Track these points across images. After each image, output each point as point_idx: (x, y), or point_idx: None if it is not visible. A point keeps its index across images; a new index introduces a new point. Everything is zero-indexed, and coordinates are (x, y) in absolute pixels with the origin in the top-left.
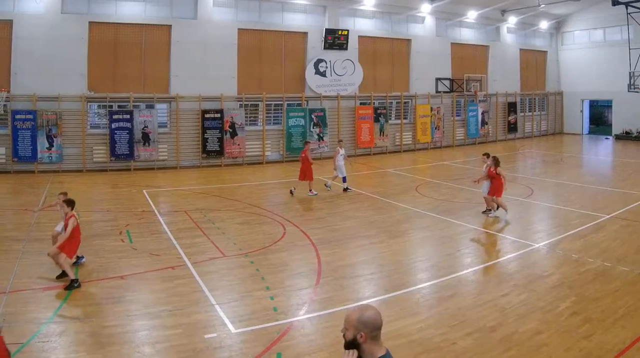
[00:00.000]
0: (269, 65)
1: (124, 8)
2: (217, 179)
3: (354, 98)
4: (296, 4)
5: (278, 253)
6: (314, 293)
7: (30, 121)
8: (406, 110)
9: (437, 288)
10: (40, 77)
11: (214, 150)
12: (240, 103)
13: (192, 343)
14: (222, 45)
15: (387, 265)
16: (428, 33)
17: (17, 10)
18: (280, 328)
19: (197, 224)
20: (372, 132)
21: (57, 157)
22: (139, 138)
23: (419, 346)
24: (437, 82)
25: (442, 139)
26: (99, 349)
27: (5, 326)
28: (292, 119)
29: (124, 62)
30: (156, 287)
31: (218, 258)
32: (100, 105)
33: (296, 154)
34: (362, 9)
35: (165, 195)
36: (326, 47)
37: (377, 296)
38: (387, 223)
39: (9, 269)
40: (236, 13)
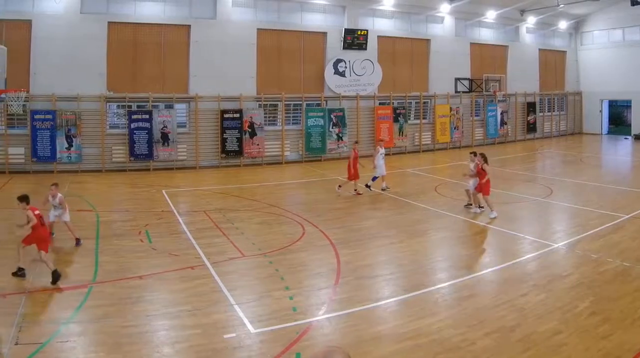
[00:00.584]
0: (288, 65)
1: (143, 8)
2: (236, 179)
3: (373, 98)
4: (315, 4)
5: (297, 253)
6: (333, 293)
7: (49, 121)
8: (425, 110)
9: (456, 288)
10: (59, 77)
11: (233, 150)
12: (259, 103)
13: (211, 344)
14: (241, 45)
15: (406, 265)
16: (447, 33)
17: (36, 10)
18: (299, 328)
19: (216, 224)
20: (391, 132)
21: (76, 157)
22: (158, 138)
23: (438, 346)
24: (456, 82)
25: (461, 139)
26: (118, 349)
27: (25, 326)
28: (311, 119)
29: (143, 62)
30: (175, 287)
31: (237, 258)
32: (119, 105)
33: (316, 154)
34: (382, 9)
35: (184, 195)
36: (345, 47)
37: (396, 296)
38: (406, 223)
39: (28, 269)
40: (255, 13)
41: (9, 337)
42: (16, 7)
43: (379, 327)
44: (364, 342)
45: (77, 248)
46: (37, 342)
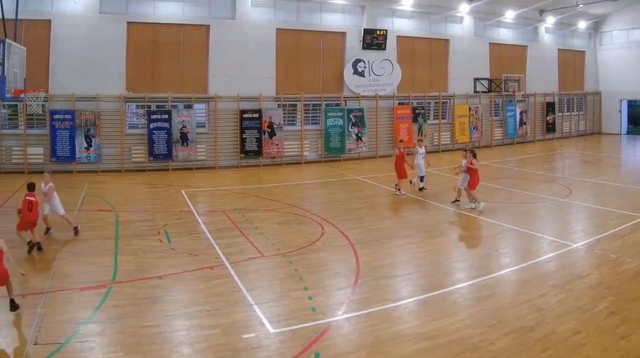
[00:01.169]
0: (307, 65)
1: (162, 8)
2: (256, 179)
3: (393, 98)
4: (334, 4)
5: (316, 253)
6: (352, 293)
7: (68, 121)
8: (444, 110)
9: (475, 288)
10: (78, 77)
11: (252, 150)
12: (278, 103)
13: (230, 344)
14: (260, 45)
15: (425, 265)
16: (466, 33)
17: (55, 10)
18: (318, 328)
19: (235, 224)
20: (410, 132)
21: (95, 157)
22: (178, 138)
23: (458, 346)
24: (475, 82)
25: (480, 139)
26: (137, 349)
27: (44, 326)
28: (331, 119)
29: (162, 62)
30: (194, 287)
31: (256, 258)
32: (139, 105)
33: (335, 154)
34: (401, 9)
35: (203, 195)
36: (364, 47)
37: (415, 296)
38: (425, 223)
39: (47, 269)
40: (274, 13)
41: (28, 337)
42: (35, 7)
43: (398, 327)
44: (383, 342)
45: (95, 248)
46: (57, 342)
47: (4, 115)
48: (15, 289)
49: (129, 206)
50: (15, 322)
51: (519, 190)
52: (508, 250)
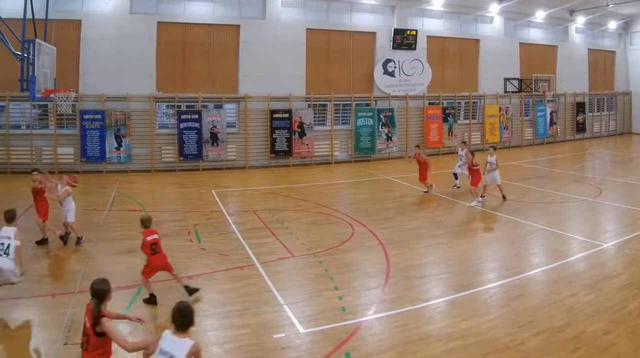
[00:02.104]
0: (337, 65)
1: (193, 8)
2: (286, 179)
3: (423, 98)
4: (365, 4)
5: (346, 253)
6: (383, 293)
7: (98, 121)
8: (475, 110)
9: (505, 288)
10: (108, 77)
11: (282, 150)
12: (308, 103)
13: (260, 343)
14: (290, 45)
15: (455, 265)
16: (497, 33)
17: (85, 10)
18: (348, 328)
19: (265, 224)
20: (440, 132)
21: (125, 157)
22: (208, 138)
23: (488, 346)
24: (505, 82)
25: (510, 139)
26: None
27: (74, 326)
28: (361, 119)
29: (192, 62)
30: (225, 287)
31: (287, 258)
32: (169, 105)
33: (365, 154)
34: (431, 9)
35: (233, 195)
36: (394, 47)
37: (445, 296)
38: (455, 223)
39: (77, 269)
40: (304, 13)
41: (58, 338)
42: (66, 7)
43: (428, 327)
44: (413, 342)
45: (126, 248)
46: None
47: (34, 116)
48: (45, 289)
49: (159, 206)
50: (46, 322)
51: (549, 190)
52: (538, 250)
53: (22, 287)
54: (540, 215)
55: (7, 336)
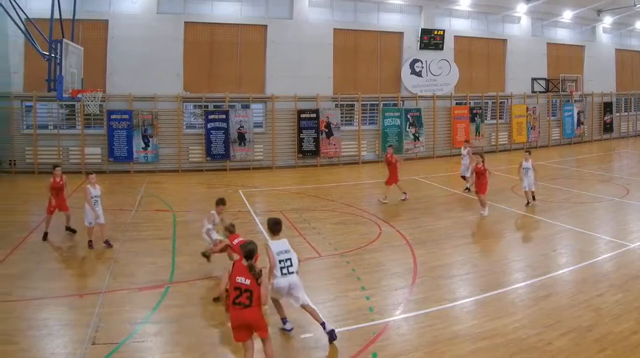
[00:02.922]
0: (364, 65)
1: (220, 8)
2: (313, 179)
3: (450, 98)
4: (392, 4)
5: (374, 253)
6: (410, 293)
7: (125, 121)
8: (502, 110)
9: (532, 288)
10: (135, 77)
11: (309, 150)
12: (335, 103)
13: (288, 343)
14: (317, 45)
15: (482, 265)
16: (524, 33)
17: (112, 10)
18: (376, 328)
19: (292, 224)
20: (467, 132)
21: (152, 157)
22: (235, 138)
23: (515, 346)
24: (532, 82)
25: (537, 139)
26: (195, 349)
27: (101, 326)
28: (388, 119)
29: (219, 62)
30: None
31: (314, 258)
32: (196, 105)
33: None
34: (458, 9)
35: (260, 195)
36: (422, 47)
37: (472, 296)
38: (482, 223)
39: (105, 269)
40: (332, 13)
41: (86, 337)
42: (93, 8)
43: (455, 327)
44: (440, 342)
45: (153, 248)
46: (114, 342)
47: (61, 116)
48: (71, 289)
49: (187, 206)
50: (74, 322)
51: (576, 190)
52: (565, 250)
53: (49, 286)
54: (567, 215)
55: (34, 336)
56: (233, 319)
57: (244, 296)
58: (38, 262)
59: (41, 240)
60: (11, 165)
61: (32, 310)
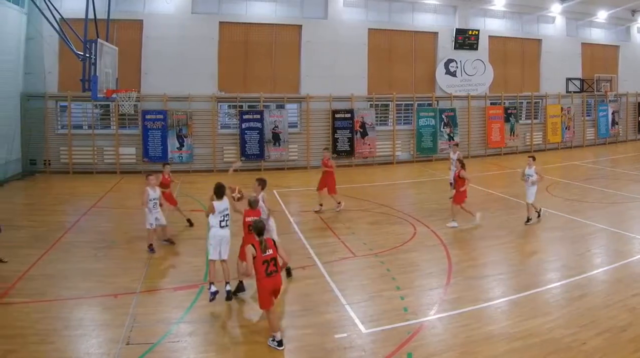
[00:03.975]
0: (399, 65)
1: (255, 8)
2: (347, 179)
3: (484, 98)
4: (427, 4)
5: (408, 253)
6: (444, 293)
7: (160, 121)
8: (536, 110)
9: (567, 288)
10: (170, 77)
11: (344, 150)
12: (370, 103)
13: (322, 343)
14: (352, 45)
15: (516, 265)
16: (558, 33)
17: (147, 10)
18: (410, 328)
19: (327, 224)
20: (502, 132)
21: (187, 157)
22: (270, 138)
23: (550, 346)
24: (567, 82)
25: (572, 139)
26: (229, 349)
27: (136, 326)
28: (423, 119)
29: (254, 62)
30: (286, 287)
31: (348, 258)
32: (231, 105)
33: (427, 154)
34: (493, 9)
35: (295, 195)
36: (456, 47)
37: (507, 296)
38: (517, 223)
39: (139, 269)
40: (366, 13)
41: (120, 337)
42: (128, 8)
43: (489, 327)
44: (474, 342)
45: (187, 249)
46: (149, 342)
47: (96, 116)
48: (106, 290)
49: None
50: (108, 322)
51: (610, 190)
52: (600, 250)
53: (84, 286)
54: (601, 215)
55: (69, 335)
56: (269, 287)
57: (271, 264)
58: (73, 262)
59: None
60: (46, 165)
61: (67, 310)
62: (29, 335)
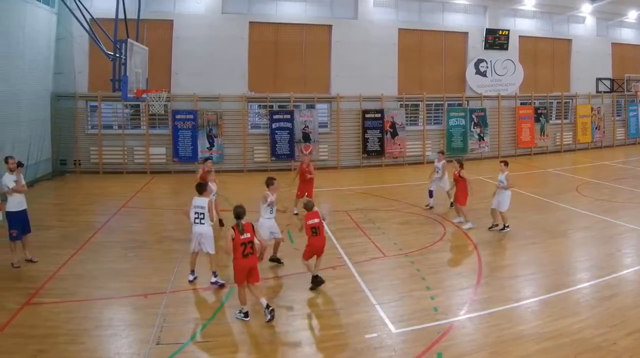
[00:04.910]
0: (429, 65)
1: (285, 8)
2: (378, 179)
3: (515, 98)
4: (457, 4)
5: (438, 253)
6: (474, 293)
7: (190, 121)
8: (566, 110)
9: (597, 288)
10: (200, 77)
11: (374, 150)
12: (400, 103)
13: (352, 343)
14: (382, 45)
15: (547, 265)
16: (589, 33)
17: (177, 10)
18: (440, 328)
19: (357, 224)
20: (532, 132)
21: (217, 157)
22: (300, 138)
23: (580, 346)
24: (597, 82)
25: (602, 139)
26: (259, 349)
27: (166, 326)
28: (453, 119)
29: (284, 62)
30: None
31: (378, 258)
32: (261, 105)
33: (457, 154)
34: (523, 9)
35: (325, 195)
36: (486, 47)
37: (537, 296)
38: (548, 223)
39: (169, 269)
40: (396, 13)
41: (150, 337)
42: (158, 8)
43: (520, 327)
44: (505, 342)
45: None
46: (178, 342)
47: (126, 116)
48: (136, 290)
49: (251, 206)
50: (138, 322)
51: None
52: (630, 250)
53: (113, 286)
54: (632, 215)
55: (99, 336)
56: (245, 266)
57: (248, 247)
58: (103, 262)
59: (107, 241)
60: (76, 165)
61: (97, 310)
62: (59, 335)
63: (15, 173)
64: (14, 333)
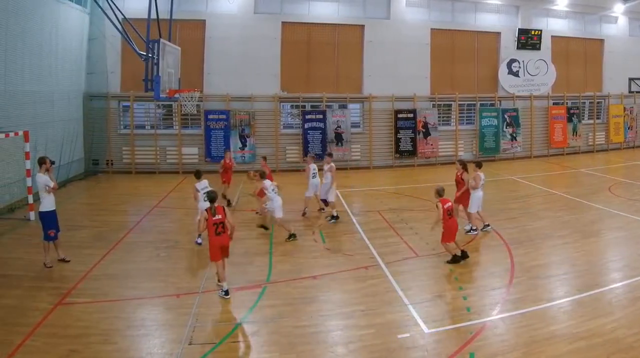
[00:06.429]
0: (461, 65)
1: (317, 8)
2: (410, 179)
3: (547, 98)
4: (489, 4)
5: (471, 252)
6: (507, 293)
7: (223, 121)
8: (599, 110)
9: (630, 288)
10: (232, 77)
11: (407, 150)
12: (433, 103)
13: (385, 343)
14: (414, 45)
15: (579, 265)
16: (621, 33)
17: (210, 10)
18: (473, 328)
19: (390, 224)
20: (565, 132)
21: (250, 157)
22: (332, 138)
23: (612, 346)
24: (630, 82)
25: (635, 139)
26: (292, 349)
27: (198, 326)
28: (485, 119)
29: (316, 62)
30: (349, 287)
31: (411, 258)
32: (293, 105)
33: (489, 154)
34: (555, 9)
35: (357, 195)
36: (519, 47)
37: (569, 296)
38: (580, 223)
39: (201, 269)
40: (429, 13)
41: (183, 337)
42: (190, 8)
43: (552, 327)
44: (537, 342)
45: (250, 248)
46: (211, 342)
47: (158, 115)
48: (168, 289)
49: (284, 206)
50: (170, 322)
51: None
52: None
53: (146, 286)
54: None
55: (132, 335)
56: (217, 244)
57: (219, 226)
58: (136, 262)
59: (139, 241)
60: (108, 165)
61: (129, 310)
62: (92, 335)
63: (48, 172)
64: (46, 333)
